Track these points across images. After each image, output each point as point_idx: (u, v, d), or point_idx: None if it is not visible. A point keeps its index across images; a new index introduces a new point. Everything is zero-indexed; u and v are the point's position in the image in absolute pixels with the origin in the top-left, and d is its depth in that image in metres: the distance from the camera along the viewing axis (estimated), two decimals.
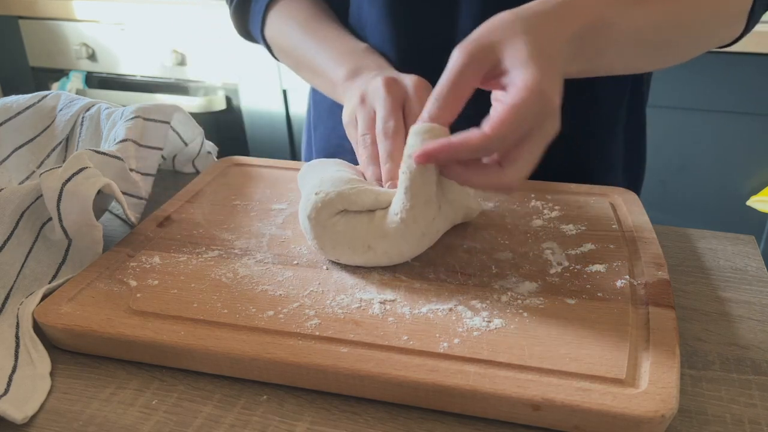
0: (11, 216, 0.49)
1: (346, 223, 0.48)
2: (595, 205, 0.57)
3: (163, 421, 0.38)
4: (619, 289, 0.45)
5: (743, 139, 1.41)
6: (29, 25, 1.79)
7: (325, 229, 0.48)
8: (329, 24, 0.67)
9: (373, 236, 0.47)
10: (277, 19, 0.69)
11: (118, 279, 0.48)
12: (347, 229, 0.48)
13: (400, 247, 0.47)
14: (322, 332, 0.41)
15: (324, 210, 0.48)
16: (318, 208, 0.48)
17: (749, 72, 1.34)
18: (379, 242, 0.47)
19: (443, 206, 0.50)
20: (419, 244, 0.48)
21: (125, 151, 0.58)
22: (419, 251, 0.49)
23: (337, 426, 0.38)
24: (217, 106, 1.69)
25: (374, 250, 0.47)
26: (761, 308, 0.47)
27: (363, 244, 0.47)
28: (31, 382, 0.41)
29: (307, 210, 0.48)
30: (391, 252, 0.48)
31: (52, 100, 0.69)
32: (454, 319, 0.42)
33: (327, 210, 0.48)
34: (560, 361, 0.38)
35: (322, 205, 0.48)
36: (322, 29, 0.66)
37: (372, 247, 0.47)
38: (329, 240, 0.48)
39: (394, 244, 0.47)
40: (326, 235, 0.48)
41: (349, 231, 0.48)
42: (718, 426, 0.37)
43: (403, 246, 0.47)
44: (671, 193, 1.50)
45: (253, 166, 0.68)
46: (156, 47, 1.69)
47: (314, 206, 0.48)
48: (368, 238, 0.47)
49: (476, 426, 0.38)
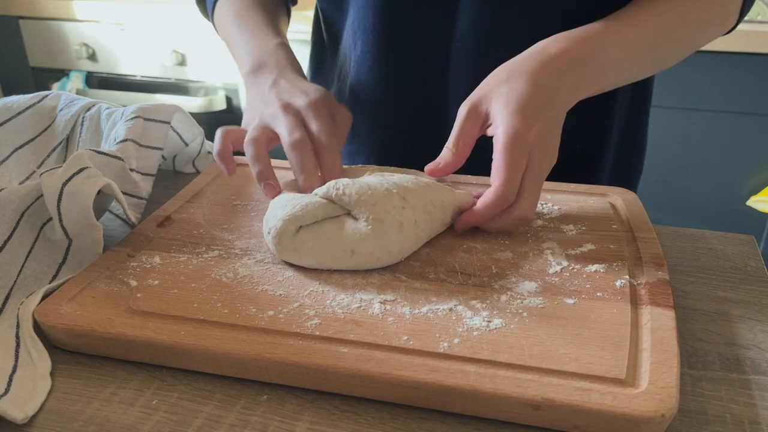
0: (11, 216, 0.49)
1: (314, 237, 0.48)
2: (595, 205, 0.58)
3: (163, 421, 0.38)
4: (619, 289, 0.45)
5: (743, 139, 1.41)
6: (29, 25, 1.79)
7: (297, 250, 0.48)
8: (257, 15, 0.70)
9: (351, 241, 0.48)
10: (223, 3, 0.74)
11: (119, 279, 0.48)
12: (321, 241, 0.48)
13: (384, 245, 0.48)
14: (322, 332, 0.41)
15: (282, 237, 0.48)
16: (277, 241, 0.49)
17: (749, 72, 1.35)
18: (361, 245, 0.47)
19: (433, 211, 0.51)
20: (402, 240, 0.48)
21: (125, 151, 0.58)
22: (407, 248, 0.49)
23: (337, 426, 0.38)
24: (217, 106, 1.69)
25: (359, 253, 0.48)
26: (761, 308, 0.48)
27: (345, 251, 0.48)
28: (32, 382, 0.41)
29: (272, 248, 0.50)
30: (378, 252, 0.48)
31: (52, 100, 0.69)
32: (454, 319, 0.42)
33: (284, 236, 0.48)
34: (560, 361, 0.38)
35: (278, 235, 0.49)
36: (248, 19, 0.70)
37: (356, 251, 0.48)
38: (309, 257, 0.48)
39: (376, 244, 0.47)
40: (304, 254, 0.48)
41: (323, 242, 0.48)
42: (718, 426, 0.37)
43: (386, 244, 0.48)
44: (671, 193, 1.50)
45: None
46: (156, 47, 1.69)
47: (273, 241, 0.49)
48: (347, 243, 0.48)
49: (476, 426, 0.38)
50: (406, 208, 0.49)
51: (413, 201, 0.50)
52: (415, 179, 0.52)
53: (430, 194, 0.52)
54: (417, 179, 0.53)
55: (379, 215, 0.48)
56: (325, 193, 0.49)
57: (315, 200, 0.49)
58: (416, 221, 0.49)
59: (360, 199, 0.48)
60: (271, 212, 0.51)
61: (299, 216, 0.48)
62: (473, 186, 0.62)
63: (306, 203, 0.49)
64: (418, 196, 0.51)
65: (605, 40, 0.55)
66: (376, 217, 0.48)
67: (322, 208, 0.49)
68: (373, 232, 0.47)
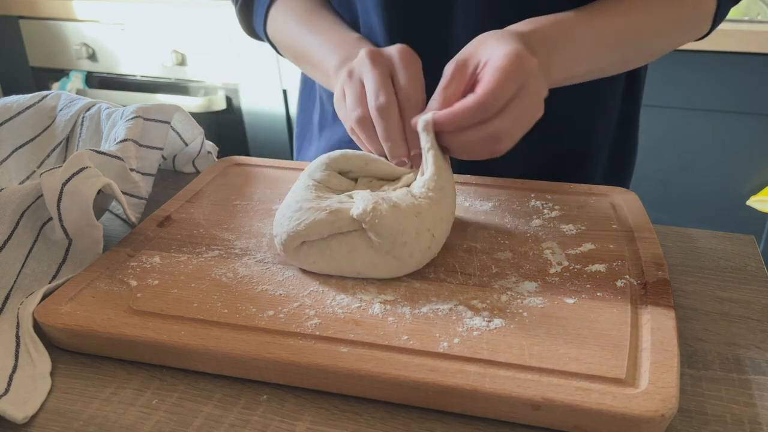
0: (11, 216, 0.49)
1: (318, 253, 0.47)
2: (595, 205, 0.58)
3: (163, 420, 0.38)
4: (619, 289, 0.45)
5: (743, 139, 1.41)
6: (29, 25, 1.79)
7: (302, 262, 0.48)
8: (325, 16, 0.68)
9: (361, 265, 0.47)
10: (278, 15, 0.70)
11: (119, 279, 0.48)
12: (326, 259, 0.47)
13: (394, 274, 0.47)
14: (322, 332, 0.41)
15: (286, 249, 0.48)
16: (282, 249, 0.48)
17: (749, 72, 1.34)
18: (370, 271, 0.47)
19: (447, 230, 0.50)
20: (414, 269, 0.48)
21: (125, 151, 0.58)
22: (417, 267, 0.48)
23: (337, 426, 0.38)
24: (217, 106, 1.69)
25: (364, 274, 0.47)
26: (761, 308, 0.48)
27: (351, 271, 0.47)
28: (32, 381, 0.41)
29: (278, 248, 0.49)
30: (386, 276, 0.47)
31: (52, 100, 0.69)
32: (454, 318, 0.42)
33: (288, 248, 0.48)
34: (560, 360, 0.38)
35: (281, 245, 0.48)
36: (317, 21, 0.67)
37: (362, 273, 0.47)
38: (313, 268, 0.48)
39: (386, 273, 0.47)
40: (308, 266, 0.48)
41: (329, 261, 0.47)
42: (718, 426, 0.37)
43: (398, 274, 0.47)
44: (671, 193, 1.50)
45: (253, 166, 0.68)
46: (156, 47, 1.69)
47: (279, 248, 0.49)
48: (355, 266, 0.47)
49: (476, 426, 0.38)
50: (432, 247, 0.47)
51: (439, 235, 0.48)
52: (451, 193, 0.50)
53: (453, 216, 0.50)
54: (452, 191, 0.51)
55: (402, 256, 0.46)
56: (360, 215, 0.45)
57: (321, 217, 0.46)
58: (435, 252, 0.49)
59: (390, 235, 0.45)
60: (280, 217, 0.49)
61: (302, 233, 0.47)
62: (473, 186, 0.62)
63: (312, 220, 0.46)
64: (446, 226, 0.49)
65: (577, 25, 0.55)
66: (398, 256, 0.46)
67: (328, 227, 0.46)
68: (387, 264, 0.46)
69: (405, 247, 0.46)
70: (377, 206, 0.45)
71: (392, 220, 0.45)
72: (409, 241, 0.46)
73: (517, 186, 0.61)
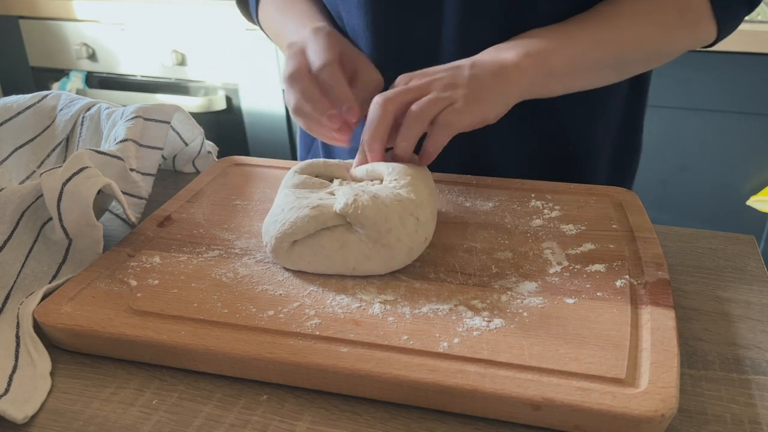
0: (11, 216, 0.49)
1: (311, 252, 0.47)
2: (595, 205, 0.57)
3: (163, 420, 0.38)
4: (619, 289, 0.45)
5: (743, 139, 1.41)
6: (29, 25, 1.79)
7: (296, 263, 0.48)
8: (301, 4, 0.71)
9: (354, 260, 0.47)
10: (267, 2, 0.74)
11: (119, 279, 0.48)
12: (319, 257, 0.47)
13: (390, 266, 0.47)
14: (322, 332, 0.41)
15: (278, 253, 0.48)
16: (274, 255, 0.49)
17: (749, 72, 1.34)
18: (365, 265, 0.47)
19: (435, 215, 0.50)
20: (409, 259, 0.48)
21: (125, 151, 0.58)
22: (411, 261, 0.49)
23: (337, 426, 0.38)
24: (217, 106, 1.69)
25: (361, 270, 0.47)
26: (761, 308, 0.48)
27: (346, 267, 0.47)
28: (32, 381, 0.41)
29: (270, 255, 0.50)
30: (382, 270, 0.47)
31: (52, 100, 0.69)
32: (454, 318, 0.42)
33: (279, 252, 0.48)
34: (560, 360, 0.38)
35: (273, 251, 0.48)
36: (293, 8, 0.70)
37: (358, 268, 0.47)
38: (308, 268, 0.48)
39: (381, 265, 0.47)
40: (303, 266, 0.48)
41: (323, 259, 0.47)
42: (718, 426, 0.37)
43: (393, 265, 0.47)
44: (671, 193, 1.50)
45: (253, 166, 0.68)
46: (156, 47, 1.69)
47: (271, 255, 0.49)
48: (349, 262, 0.47)
49: (476, 426, 0.38)
50: (419, 231, 0.48)
51: (425, 218, 0.49)
52: (423, 178, 0.52)
53: (434, 200, 0.51)
54: (425, 176, 0.52)
55: (391, 243, 0.46)
56: (343, 209, 0.46)
57: (304, 213, 0.47)
58: (426, 238, 0.49)
59: (375, 224, 0.46)
60: (266, 226, 0.50)
61: (289, 233, 0.47)
62: (473, 186, 0.62)
63: (295, 218, 0.47)
64: (429, 209, 0.50)
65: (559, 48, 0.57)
66: (386, 244, 0.46)
67: (312, 222, 0.47)
68: (379, 255, 0.47)
69: (391, 233, 0.46)
70: (358, 198, 0.47)
71: (374, 210, 0.46)
72: (394, 227, 0.46)
73: (517, 186, 0.61)
